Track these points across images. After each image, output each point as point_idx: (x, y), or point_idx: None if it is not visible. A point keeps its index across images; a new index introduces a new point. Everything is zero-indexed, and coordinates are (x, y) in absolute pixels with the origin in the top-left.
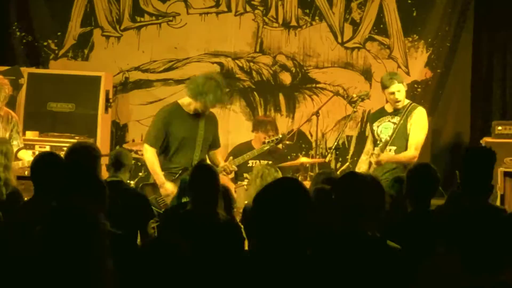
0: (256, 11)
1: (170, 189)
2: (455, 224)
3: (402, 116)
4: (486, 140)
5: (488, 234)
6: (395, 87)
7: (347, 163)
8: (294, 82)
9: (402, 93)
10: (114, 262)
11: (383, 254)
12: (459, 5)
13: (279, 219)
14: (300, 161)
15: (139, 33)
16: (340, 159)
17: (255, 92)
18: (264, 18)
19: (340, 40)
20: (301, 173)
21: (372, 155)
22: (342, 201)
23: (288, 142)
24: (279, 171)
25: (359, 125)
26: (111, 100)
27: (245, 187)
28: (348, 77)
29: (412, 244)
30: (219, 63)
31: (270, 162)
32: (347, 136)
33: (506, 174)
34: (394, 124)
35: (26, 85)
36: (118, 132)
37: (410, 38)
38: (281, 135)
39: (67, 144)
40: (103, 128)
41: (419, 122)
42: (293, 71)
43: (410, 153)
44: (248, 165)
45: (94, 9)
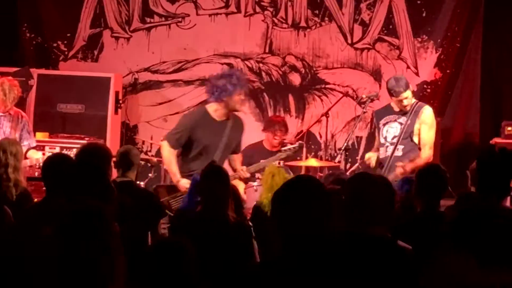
0: (266, 12)
1: (186, 185)
2: (466, 224)
3: (409, 116)
4: (496, 141)
5: (501, 233)
6: (403, 96)
7: (357, 164)
8: (304, 83)
9: (410, 99)
10: (125, 263)
11: (393, 255)
12: (469, 5)
13: (305, 217)
14: (309, 163)
15: (149, 34)
16: (350, 160)
17: (265, 93)
18: (274, 19)
19: (350, 41)
20: (311, 174)
21: (397, 168)
22: (352, 202)
23: (298, 143)
24: (291, 173)
25: (369, 126)
26: (121, 101)
27: (255, 188)
28: (358, 78)
29: (422, 245)
30: (229, 64)
31: (281, 163)
32: (357, 137)
33: None
34: (401, 125)
35: (36, 86)
36: (128, 133)
37: (420, 39)
38: (298, 144)
39: (77, 145)
40: (113, 129)
41: (428, 121)
42: (303, 72)
43: (426, 154)
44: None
45: (104, 10)
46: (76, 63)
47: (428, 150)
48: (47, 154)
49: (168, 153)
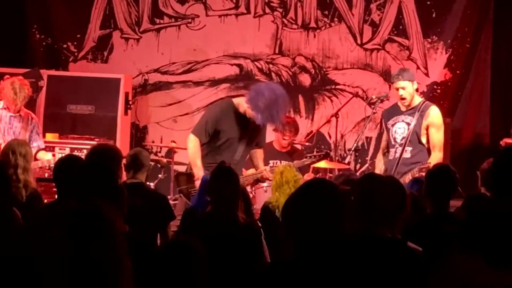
0: (275, 13)
1: None
2: (478, 225)
3: (416, 116)
4: (506, 141)
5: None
6: (399, 84)
7: (367, 165)
8: (313, 84)
9: (408, 91)
10: (133, 264)
11: (403, 256)
12: (479, 6)
13: (318, 222)
14: (319, 164)
15: (158, 35)
16: (360, 161)
17: None
18: (283, 20)
19: (360, 42)
20: (320, 175)
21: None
22: (362, 203)
23: (308, 144)
24: (299, 173)
25: (378, 127)
26: (131, 102)
27: (265, 189)
28: (368, 79)
29: (432, 245)
30: (238, 65)
31: (291, 163)
32: (367, 138)
33: None
34: (408, 124)
35: (46, 87)
36: (138, 134)
37: (430, 39)
38: (325, 152)
39: (87, 146)
40: (123, 130)
41: (436, 122)
42: (312, 73)
43: (437, 156)
44: (269, 165)
45: (113, 12)
46: (86, 64)
47: (438, 153)
48: (57, 155)
49: (194, 145)
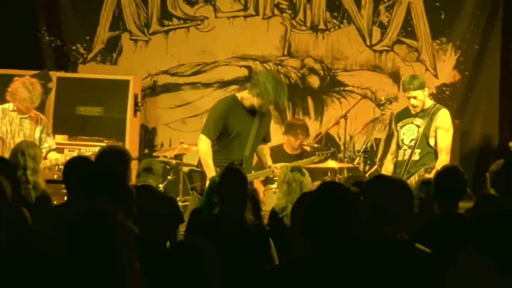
0: (284, 14)
1: None
2: (487, 226)
3: (426, 119)
4: None
5: None
6: (411, 94)
7: (376, 166)
8: (322, 85)
9: (419, 100)
10: (142, 266)
11: (412, 257)
12: (488, 8)
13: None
14: (328, 165)
15: (167, 37)
16: (369, 162)
17: None
18: (292, 21)
19: (368, 43)
20: (329, 176)
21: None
22: (371, 204)
23: (316, 145)
24: (306, 174)
25: (387, 128)
26: (140, 104)
27: (274, 191)
28: (376, 80)
29: (440, 247)
30: (247, 67)
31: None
32: (376, 139)
33: None
34: (418, 127)
35: (55, 89)
36: (147, 136)
37: (438, 41)
38: (332, 150)
39: (96, 148)
40: (132, 132)
41: (444, 125)
42: (321, 74)
43: (443, 159)
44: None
45: (122, 13)
46: (95, 66)
47: (445, 156)
48: (65, 155)
49: (205, 146)
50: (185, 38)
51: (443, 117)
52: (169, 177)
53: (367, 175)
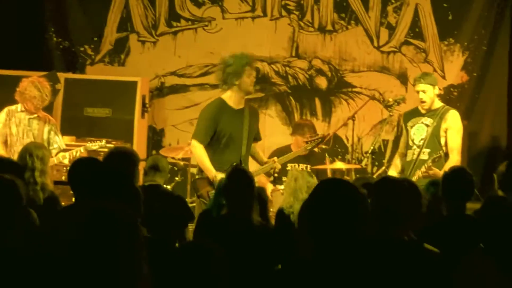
0: (292, 16)
1: None
2: (494, 227)
3: (435, 118)
4: None
5: None
6: (420, 87)
7: (384, 167)
8: (330, 87)
9: (428, 95)
10: (150, 267)
11: (420, 258)
12: (495, 8)
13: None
14: (336, 166)
15: (175, 38)
16: (377, 163)
17: (291, 97)
18: (300, 23)
19: (376, 44)
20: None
21: (423, 172)
22: (379, 205)
23: (324, 147)
24: (314, 177)
25: (395, 129)
26: (147, 105)
27: (282, 192)
28: (384, 81)
29: (448, 248)
30: (255, 68)
31: (308, 166)
32: (383, 140)
33: None
34: (427, 126)
35: (63, 91)
36: (155, 137)
37: (446, 42)
38: (321, 135)
39: (104, 149)
40: (140, 133)
41: (455, 126)
42: (329, 76)
43: (454, 160)
44: (287, 168)
45: (130, 15)
46: (103, 67)
47: (456, 156)
48: (71, 153)
49: (199, 150)
50: (193, 39)
51: (453, 118)
52: (177, 178)
53: (375, 176)
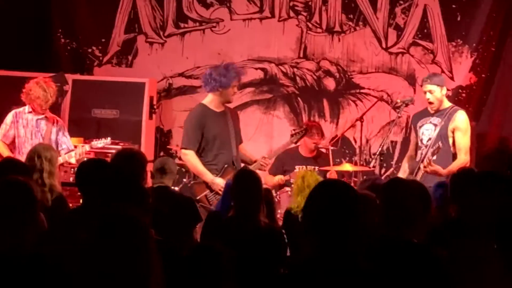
0: (300, 17)
1: (221, 184)
2: (504, 230)
3: (443, 118)
4: None
5: None
6: (427, 88)
7: (392, 169)
8: (338, 88)
9: (435, 96)
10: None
11: (428, 260)
12: (504, 9)
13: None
14: (344, 168)
15: (183, 39)
16: (385, 165)
17: (299, 98)
18: (308, 24)
19: (384, 45)
20: (345, 179)
21: (425, 166)
22: (387, 207)
23: (332, 148)
24: (321, 177)
25: (404, 131)
26: (155, 106)
27: (289, 194)
28: (392, 83)
29: (456, 250)
30: (263, 69)
31: (316, 168)
32: (392, 142)
33: None
34: (435, 126)
35: (71, 92)
36: (162, 138)
37: (454, 43)
38: (305, 126)
39: (112, 151)
40: (147, 134)
41: (463, 126)
42: (337, 77)
43: (462, 159)
44: (295, 171)
45: (138, 16)
46: (111, 69)
47: (464, 156)
48: (77, 153)
49: (190, 157)
50: (201, 41)
51: (461, 119)
52: (185, 180)
53: (383, 178)
